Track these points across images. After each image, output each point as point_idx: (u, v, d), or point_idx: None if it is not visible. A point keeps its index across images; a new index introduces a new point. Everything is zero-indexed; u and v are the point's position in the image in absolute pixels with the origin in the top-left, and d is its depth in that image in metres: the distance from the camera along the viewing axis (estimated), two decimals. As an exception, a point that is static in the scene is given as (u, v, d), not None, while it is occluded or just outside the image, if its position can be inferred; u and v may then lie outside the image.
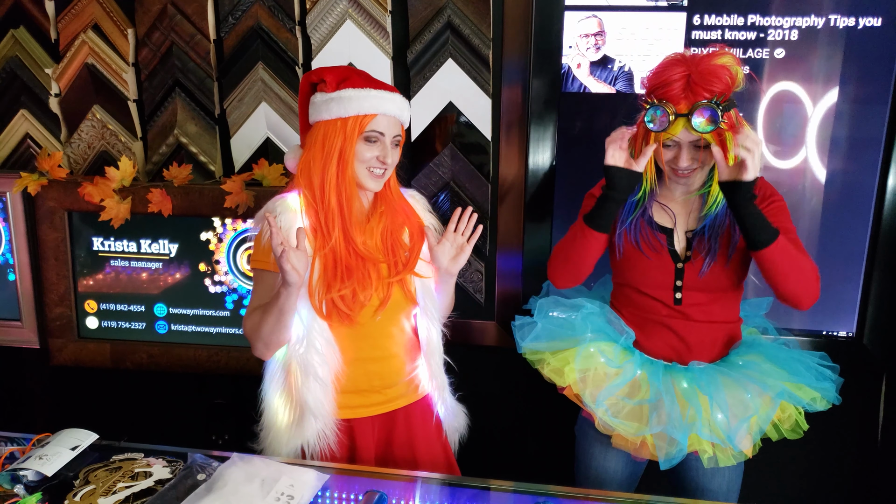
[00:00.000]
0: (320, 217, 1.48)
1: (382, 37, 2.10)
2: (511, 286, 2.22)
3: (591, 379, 1.60)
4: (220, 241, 2.15)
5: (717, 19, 1.95)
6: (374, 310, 1.52)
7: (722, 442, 1.49)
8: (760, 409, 1.50)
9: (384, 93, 1.49)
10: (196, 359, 2.21)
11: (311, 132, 1.52)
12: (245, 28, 2.16)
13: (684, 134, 1.45)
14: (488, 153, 2.13)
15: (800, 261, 1.45)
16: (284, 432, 1.54)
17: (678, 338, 1.60)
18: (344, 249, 1.49)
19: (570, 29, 2.02)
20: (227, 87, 2.20)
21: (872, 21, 1.90)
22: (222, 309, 2.19)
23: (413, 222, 1.62)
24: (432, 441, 1.67)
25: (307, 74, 1.55)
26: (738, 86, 1.45)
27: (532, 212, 2.15)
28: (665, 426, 1.50)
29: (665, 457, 1.53)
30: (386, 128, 1.50)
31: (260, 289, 1.52)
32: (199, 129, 2.23)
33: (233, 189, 2.05)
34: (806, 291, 1.47)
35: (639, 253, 1.60)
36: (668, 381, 1.56)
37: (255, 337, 1.49)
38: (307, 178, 1.49)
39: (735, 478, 1.63)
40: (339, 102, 1.46)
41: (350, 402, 1.55)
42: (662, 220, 1.61)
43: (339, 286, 1.47)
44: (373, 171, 1.50)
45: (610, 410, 1.57)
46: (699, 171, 1.51)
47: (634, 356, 1.62)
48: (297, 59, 2.16)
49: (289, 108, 2.18)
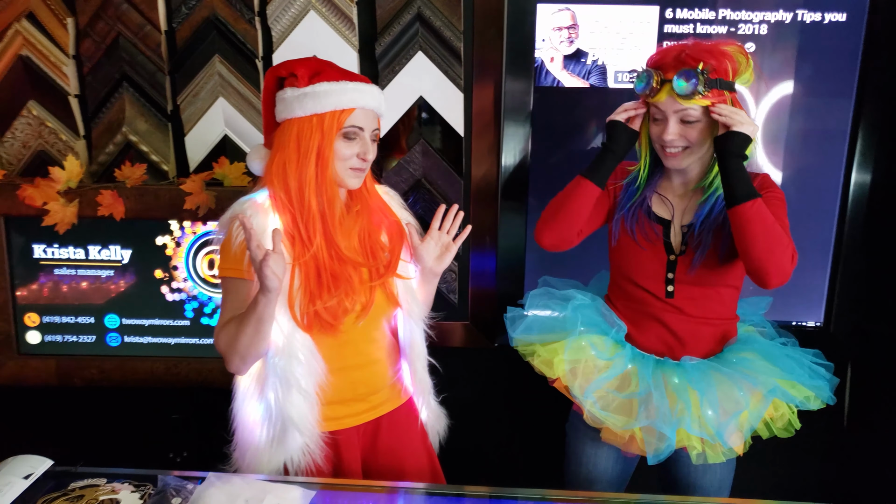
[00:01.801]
0: (299, 222, 1.38)
1: (348, 28, 2.01)
2: (485, 285, 2.17)
3: (582, 371, 1.58)
4: (178, 246, 2.02)
5: (690, 13, 1.95)
6: (357, 316, 1.45)
7: (711, 438, 1.49)
8: (751, 406, 1.50)
9: (361, 85, 1.41)
10: (153, 372, 2.07)
11: (282, 131, 1.41)
12: (199, 19, 2.03)
13: (669, 102, 1.46)
14: (461, 149, 2.08)
15: (776, 231, 1.41)
16: (265, 450, 1.44)
17: (670, 332, 1.59)
18: (327, 256, 1.40)
19: (543, 22, 1.99)
20: (181, 81, 2.07)
21: (838, 16, 1.94)
22: (181, 318, 2.06)
23: (391, 221, 1.55)
24: (417, 447, 1.61)
25: (273, 68, 1.45)
26: (741, 74, 1.46)
27: (506, 209, 2.11)
28: (653, 420, 1.49)
29: (653, 452, 1.51)
30: (365, 122, 1.41)
31: (232, 299, 1.40)
32: (151, 126, 2.09)
33: (192, 189, 1.93)
34: (773, 263, 1.42)
35: (632, 242, 1.60)
36: (659, 375, 1.55)
37: (231, 351, 1.37)
38: (282, 181, 1.38)
39: (726, 475, 1.63)
40: (314, 98, 1.37)
41: (335, 413, 1.47)
42: (661, 212, 1.60)
43: (325, 297, 1.39)
44: (353, 168, 1.42)
45: (599, 403, 1.55)
46: (689, 152, 1.50)
47: (625, 350, 1.61)
48: (256, 51, 2.05)
49: (248, 104, 2.07)
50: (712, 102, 1.43)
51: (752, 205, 1.40)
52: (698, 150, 1.50)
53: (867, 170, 2.03)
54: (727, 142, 1.43)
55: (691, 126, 1.47)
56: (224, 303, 1.42)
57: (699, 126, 1.47)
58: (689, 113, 1.45)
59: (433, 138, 2.07)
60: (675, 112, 1.46)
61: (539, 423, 2.17)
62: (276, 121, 1.44)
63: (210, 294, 2.04)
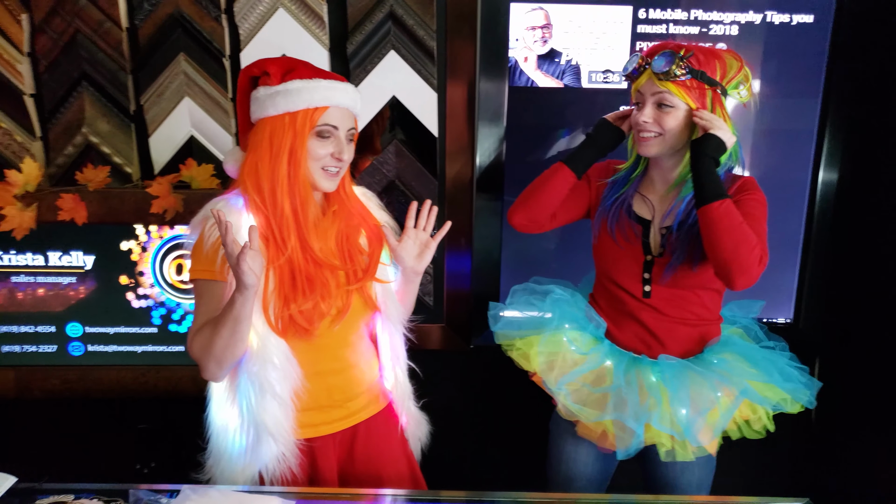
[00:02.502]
0: (272, 224, 1.35)
1: (319, 27, 1.97)
2: (460, 287, 2.16)
3: (559, 365, 1.59)
4: (144, 251, 1.95)
5: (663, 13, 1.97)
6: (333, 320, 1.41)
7: (678, 435, 1.50)
8: (722, 406, 1.51)
9: (335, 83, 1.38)
10: (120, 381, 2.00)
11: (255, 130, 1.38)
12: (163, 15, 1.96)
13: (648, 85, 1.49)
14: (434, 150, 2.05)
15: (743, 232, 1.41)
16: (239, 459, 1.40)
17: (647, 331, 1.60)
18: (301, 259, 1.36)
19: (517, 21, 1.98)
20: (144, 80, 2.00)
21: (805, 18, 1.98)
22: (148, 325, 1.99)
23: (369, 223, 1.52)
24: (396, 454, 1.58)
25: (246, 68, 1.41)
26: (731, 79, 1.48)
27: (481, 210, 2.09)
28: (621, 414, 1.50)
29: (624, 446, 1.52)
30: (339, 121, 1.38)
31: (205, 302, 1.36)
32: (112, 127, 2.02)
33: (159, 192, 1.86)
34: (738, 264, 1.41)
35: (611, 241, 1.61)
36: (633, 372, 1.56)
37: (207, 356, 1.32)
38: (255, 182, 1.35)
39: (706, 474, 1.65)
40: (286, 96, 1.33)
41: (310, 419, 1.43)
42: (641, 211, 1.61)
43: (300, 300, 1.35)
44: (328, 169, 1.38)
45: (572, 396, 1.56)
46: (662, 140, 1.51)
47: (603, 345, 1.62)
48: (223, 50, 1.99)
49: (215, 104, 2.01)
50: (689, 86, 1.45)
51: (720, 205, 1.41)
52: (671, 140, 1.51)
53: (834, 168, 2.07)
54: (702, 143, 1.45)
55: (667, 113, 1.48)
56: (197, 307, 1.37)
57: (675, 114, 1.48)
58: (665, 97, 1.47)
59: (407, 138, 2.04)
60: (653, 95, 1.49)
61: (518, 424, 2.16)
62: (250, 122, 1.41)
63: (179, 300, 1.98)
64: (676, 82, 1.46)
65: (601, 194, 1.67)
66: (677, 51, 1.46)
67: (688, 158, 1.51)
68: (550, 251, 2.10)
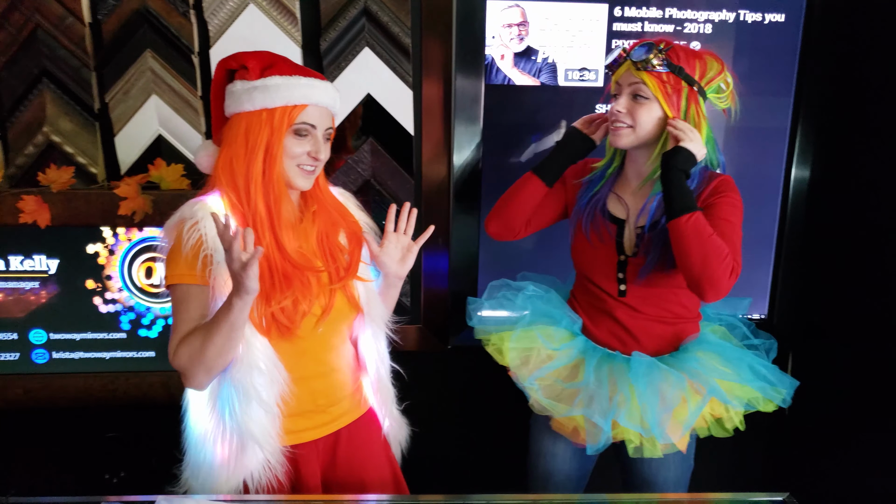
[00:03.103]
0: (248, 222, 1.31)
1: (291, 23, 1.92)
2: (437, 287, 2.13)
3: (533, 360, 1.60)
4: (111, 254, 1.89)
5: (638, 11, 1.96)
6: (317, 320, 1.38)
7: (645, 432, 1.50)
8: (691, 403, 1.52)
9: (315, 81, 1.35)
10: (87, 389, 1.93)
11: (231, 125, 1.33)
12: (128, 10, 1.89)
13: (626, 76, 1.50)
14: (411, 148, 2.02)
15: (713, 245, 1.40)
16: (223, 468, 1.35)
17: (623, 328, 1.60)
18: (278, 256, 1.33)
19: (493, 18, 1.96)
20: (109, 77, 1.93)
21: (777, 17, 1.99)
22: (117, 331, 1.93)
23: (348, 222, 1.49)
24: (379, 458, 1.56)
25: (224, 60, 1.37)
26: (709, 80, 1.49)
27: (458, 209, 2.07)
28: (589, 409, 1.51)
29: (593, 442, 1.52)
30: (317, 120, 1.35)
31: (188, 308, 1.30)
32: (76, 125, 1.95)
33: (127, 194, 1.80)
34: (707, 277, 1.41)
35: (586, 240, 1.61)
36: (605, 368, 1.56)
37: (196, 365, 1.27)
38: (230, 178, 1.31)
39: (682, 472, 1.65)
40: (265, 91, 1.30)
41: (294, 426, 1.40)
42: (616, 211, 1.61)
43: (278, 297, 1.32)
44: (303, 167, 1.35)
45: (544, 391, 1.56)
46: (632, 132, 1.50)
47: (577, 341, 1.62)
48: (192, 46, 1.93)
49: (184, 102, 1.95)
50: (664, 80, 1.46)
51: (689, 218, 1.41)
52: (643, 133, 1.50)
53: (806, 166, 2.10)
54: (673, 156, 1.45)
55: (641, 105, 1.48)
56: (178, 314, 1.31)
57: (648, 107, 1.48)
58: (640, 88, 1.47)
59: (382, 137, 2.01)
60: (630, 85, 1.49)
61: (498, 424, 2.15)
62: (224, 116, 1.36)
63: (148, 304, 1.92)
64: (652, 73, 1.46)
65: (577, 194, 1.67)
66: (658, 44, 1.47)
67: (658, 151, 1.51)
68: (528, 251, 2.08)
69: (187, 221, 1.28)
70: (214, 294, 1.26)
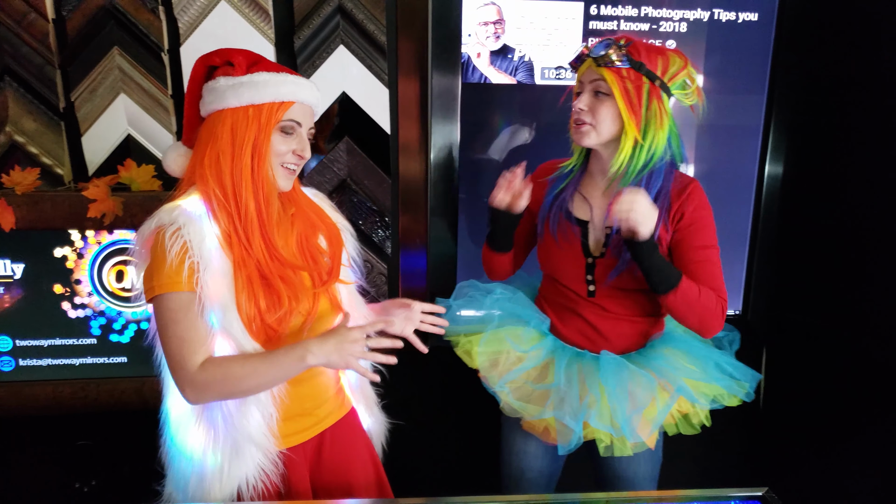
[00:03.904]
0: (236, 222, 1.27)
1: (263, 20, 1.89)
2: (415, 285, 2.12)
3: (503, 362, 1.58)
4: (80, 258, 1.83)
5: (614, 10, 1.97)
6: (302, 323, 1.35)
7: (615, 431, 1.51)
8: (660, 402, 1.53)
9: (300, 79, 1.32)
10: (57, 397, 1.87)
11: (213, 122, 1.28)
12: (93, 7, 1.84)
13: (588, 73, 1.48)
14: (387, 147, 2.00)
15: (702, 302, 1.46)
16: (216, 478, 1.32)
17: (591, 327, 1.60)
18: (268, 258, 1.29)
19: (469, 16, 1.94)
20: (75, 76, 1.88)
21: (751, 16, 2.01)
22: (87, 336, 1.87)
23: (326, 225, 1.46)
24: (364, 458, 1.54)
25: (205, 56, 1.32)
26: (672, 76, 1.46)
27: (436, 208, 2.05)
28: (561, 411, 1.50)
29: (565, 442, 1.53)
30: (302, 118, 1.32)
31: (185, 318, 1.24)
32: (40, 125, 1.89)
33: (96, 196, 1.75)
34: (705, 328, 1.50)
35: (553, 241, 1.59)
36: (574, 367, 1.56)
37: (224, 388, 1.25)
38: (217, 177, 1.26)
39: (652, 466, 1.66)
40: (252, 87, 1.26)
41: (282, 430, 1.37)
42: (580, 213, 1.58)
43: (273, 300, 1.29)
44: (287, 166, 1.32)
45: (514, 394, 1.55)
46: (593, 130, 1.48)
47: (546, 341, 1.61)
48: (161, 44, 1.88)
49: (154, 101, 1.90)
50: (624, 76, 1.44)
51: (675, 294, 1.44)
52: (604, 131, 1.48)
53: (779, 163, 2.13)
54: (635, 251, 1.44)
55: (602, 101, 1.46)
56: (178, 322, 1.24)
57: (609, 104, 1.46)
58: (600, 84, 1.46)
59: (358, 135, 1.98)
60: (591, 82, 1.47)
61: (475, 424, 2.14)
62: (199, 115, 1.32)
63: (119, 309, 1.87)
64: (611, 69, 1.44)
65: (545, 192, 1.63)
66: (619, 40, 1.46)
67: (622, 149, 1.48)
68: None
69: (168, 228, 1.23)
70: (202, 302, 1.22)
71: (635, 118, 1.45)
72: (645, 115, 1.46)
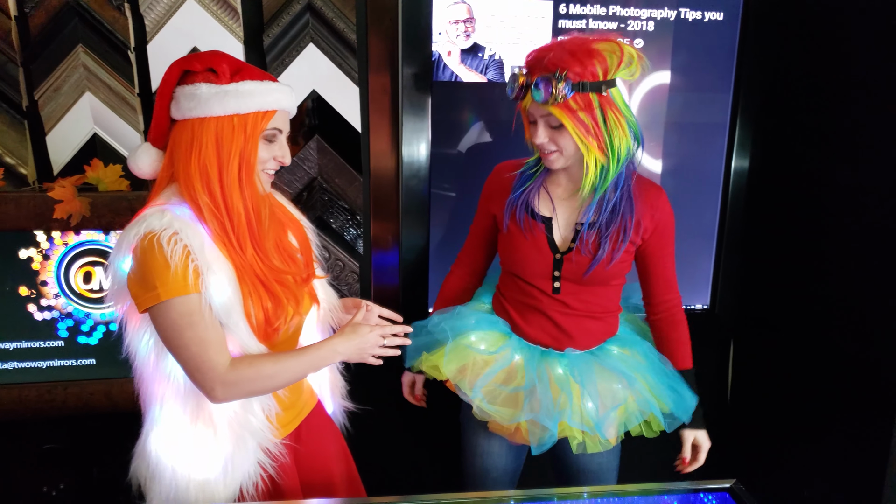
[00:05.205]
0: (228, 229, 1.27)
1: (232, 18, 1.87)
2: (388, 283, 2.12)
3: (471, 368, 1.58)
4: (46, 259, 1.80)
5: (583, 8, 1.98)
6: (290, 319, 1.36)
7: (590, 430, 1.53)
8: (629, 402, 1.55)
9: (282, 86, 1.32)
10: (23, 401, 1.84)
11: (195, 129, 1.26)
12: (57, 4, 1.81)
13: (535, 107, 1.43)
14: (358, 145, 2.00)
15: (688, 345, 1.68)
16: (219, 480, 1.33)
17: (555, 326, 1.60)
18: (261, 265, 1.31)
19: (439, 14, 1.95)
20: (38, 74, 1.84)
21: (716, 15, 2.04)
22: (54, 338, 1.84)
23: (293, 223, 1.48)
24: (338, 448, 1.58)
25: (181, 61, 1.29)
26: (615, 71, 1.41)
27: (408, 206, 2.06)
28: (536, 413, 1.51)
29: (537, 442, 1.54)
30: (283, 125, 1.33)
31: (200, 320, 1.23)
32: (3, 124, 1.85)
33: (63, 196, 1.72)
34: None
35: (521, 237, 1.57)
36: (543, 367, 1.57)
37: (255, 385, 1.29)
38: (205, 186, 1.25)
39: (613, 458, 1.70)
40: (238, 97, 1.25)
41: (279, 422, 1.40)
42: (543, 210, 1.57)
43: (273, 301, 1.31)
44: (267, 172, 1.33)
45: (486, 398, 1.55)
46: (561, 155, 1.47)
47: (511, 341, 1.62)
48: (128, 42, 1.85)
49: (121, 99, 1.88)
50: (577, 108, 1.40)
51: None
52: (570, 155, 1.47)
53: (745, 158, 2.16)
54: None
55: (560, 133, 1.43)
56: (195, 325, 1.23)
57: (567, 133, 1.43)
58: (551, 119, 1.42)
59: (329, 134, 1.97)
60: (542, 117, 1.44)
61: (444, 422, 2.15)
62: (170, 117, 1.29)
63: (88, 310, 1.85)
64: (559, 105, 1.39)
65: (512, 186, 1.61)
66: (552, 69, 1.38)
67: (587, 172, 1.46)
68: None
69: (161, 233, 1.21)
70: (209, 304, 1.23)
71: (596, 141, 1.43)
72: (605, 130, 1.43)
